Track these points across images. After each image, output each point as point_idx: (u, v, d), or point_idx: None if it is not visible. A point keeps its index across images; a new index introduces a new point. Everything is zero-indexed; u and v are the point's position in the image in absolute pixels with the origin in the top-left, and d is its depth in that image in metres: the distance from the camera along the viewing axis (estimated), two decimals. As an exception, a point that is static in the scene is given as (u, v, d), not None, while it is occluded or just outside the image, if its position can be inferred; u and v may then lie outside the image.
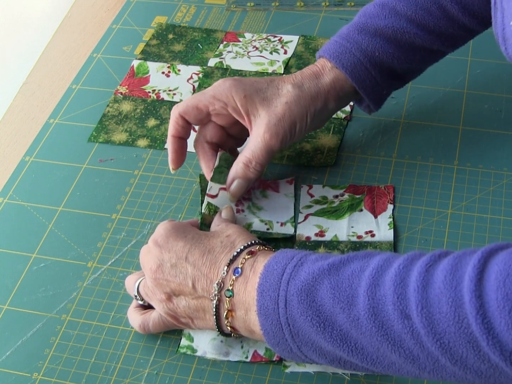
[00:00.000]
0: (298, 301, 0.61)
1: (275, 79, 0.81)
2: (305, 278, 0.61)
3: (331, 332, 0.59)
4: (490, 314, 0.52)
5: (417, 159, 0.87)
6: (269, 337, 0.63)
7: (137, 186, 0.86)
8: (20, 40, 1.18)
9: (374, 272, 0.59)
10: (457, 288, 0.54)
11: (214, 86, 0.80)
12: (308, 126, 0.81)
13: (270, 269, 0.64)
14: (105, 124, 0.94)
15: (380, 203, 0.82)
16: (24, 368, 0.70)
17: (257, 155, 0.78)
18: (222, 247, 0.68)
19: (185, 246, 0.68)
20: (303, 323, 0.60)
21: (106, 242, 0.81)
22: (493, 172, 0.85)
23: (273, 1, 1.12)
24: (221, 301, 0.66)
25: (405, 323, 0.56)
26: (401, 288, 0.57)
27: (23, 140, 0.94)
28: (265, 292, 0.63)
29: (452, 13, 0.82)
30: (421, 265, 0.57)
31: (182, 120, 0.80)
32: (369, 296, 0.58)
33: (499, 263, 0.54)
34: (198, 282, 0.67)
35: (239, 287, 0.65)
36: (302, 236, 0.79)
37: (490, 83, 0.95)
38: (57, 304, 0.75)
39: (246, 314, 0.65)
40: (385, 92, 0.85)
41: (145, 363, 0.70)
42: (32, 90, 1.02)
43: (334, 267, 0.61)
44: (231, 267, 0.66)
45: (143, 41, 1.07)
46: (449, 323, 0.54)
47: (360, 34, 0.82)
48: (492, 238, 0.78)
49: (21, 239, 0.82)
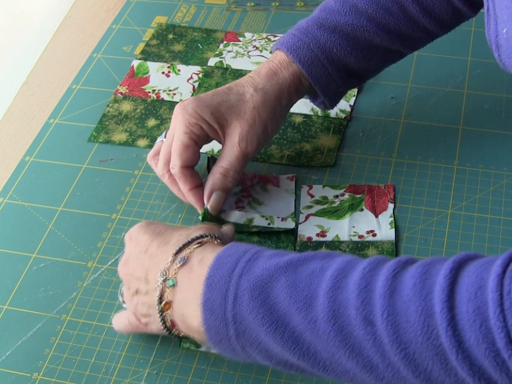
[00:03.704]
0: (249, 297, 0.57)
1: (232, 86, 0.80)
2: (260, 273, 0.58)
3: (282, 333, 0.56)
4: (461, 327, 0.50)
5: (417, 159, 0.87)
6: (211, 334, 0.59)
7: (137, 186, 0.86)
8: (20, 40, 1.18)
9: (336, 274, 0.56)
10: (427, 297, 0.52)
11: (177, 117, 0.78)
12: (279, 123, 0.81)
13: (221, 261, 0.60)
14: (105, 124, 0.94)
15: (380, 203, 0.82)
16: (24, 368, 0.70)
17: (234, 164, 0.78)
18: (177, 239, 0.66)
19: (149, 238, 0.67)
20: (252, 321, 0.57)
21: (106, 242, 0.81)
22: (493, 172, 0.85)
23: (273, 1, 1.12)
24: (163, 292, 0.63)
25: (368, 330, 0.53)
26: (365, 292, 0.54)
27: (23, 140, 0.94)
28: (213, 285, 0.59)
29: (412, 14, 0.82)
30: (388, 270, 0.55)
31: (187, 169, 0.78)
32: (329, 298, 0.55)
33: (471, 275, 0.52)
34: (150, 273, 0.65)
35: (182, 276, 0.62)
36: (304, 237, 0.79)
37: (490, 83, 0.95)
38: (57, 304, 0.75)
39: (186, 305, 0.62)
40: (341, 89, 0.85)
41: (145, 363, 0.70)
42: (32, 90, 1.02)
43: (292, 264, 0.58)
44: (178, 256, 0.64)
45: (143, 41, 1.07)
46: (417, 333, 0.52)
47: (319, 29, 0.81)
48: (492, 238, 0.78)
49: (21, 239, 0.81)
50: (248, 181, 0.85)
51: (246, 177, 0.85)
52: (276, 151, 0.89)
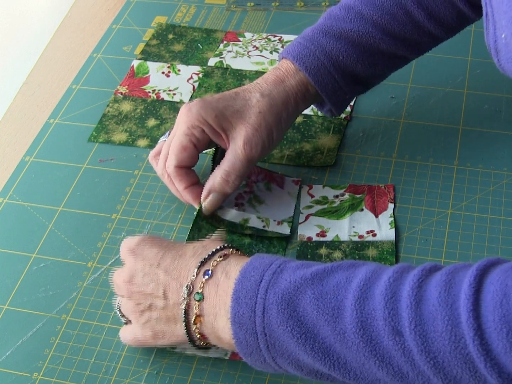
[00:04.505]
0: (277, 310, 0.58)
1: (239, 91, 0.80)
2: (286, 286, 0.59)
3: (312, 345, 0.57)
4: (488, 336, 0.51)
5: (417, 159, 0.87)
6: (242, 346, 0.60)
7: (137, 186, 0.86)
8: (20, 40, 1.18)
9: (362, 284, 0.57)
10: (453, 306, 0.53)
11: (181, 117, 0.78)
12: (284, 130, 0.81)
13: (247, 275, 0.61)
14: (105, 124, 0.94)
15: (380, 202, 0.82)
16: (24, 368, 0.70)
17: (237, 167, 0.77)
18: (193, 251, 0.66)
19: (158, 252, 0.66)
20: (282, 334, 0.58)
21: (106, 242, 0.81)
22: (493, 172, 0.85)
23: (273, 1, 1.12)
24: (190, 306, 0.63)
25: (396, 340, 0.54)
26: (392, 303, 0.55)
27: (23, 140, 0.94)
28: (241, 299, 0.60)
29: (418, 19, 0.82)
30: (413, 280, 0.55)
31: (182, 169, 0.78)
32: (357, 310, 0.56)
33: (495, 283, 0.52)
34: (168, 288, 0.64)
35: (209, 290, 0.63)
36: (304, 237, 0.79)
37: (490, 83, 0.95)
38: (57, 304, 0.75)
39: (215, 319, 0.62)
40: (347, 96, 0.85)
41: (145, 363, 0.70)
42: (32, 90, 1.02)
43: (317, 276, 0.59)
44: (202, 269, 0.64)
45: (143, 41, 1.07)
46: (445, 342, 0.52)
47: (325, 37, 0.82)
48: (492, 238, 0.78)
49: (21, 239, 0.82)
50: (253, 176, 0.85)
51: (252, 171, 0.84)
52: (276, 151, 0.89)
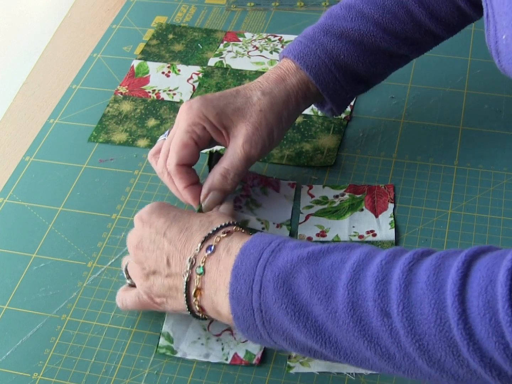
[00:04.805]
0: (273, 287, 0.60)
1: (240, 89, 0.80)
2: (283, 265, 0.60)
3: (305, 322, 0.59)
4: (471, 320, 0.52)
5: (417, 159, 0.87)
6: (239, 322, 0.62)
7: (137, 186, 0.86)
8: (20, 40, 1.18)
9: (355, 266, 0.58)
10: (440, 290, 0.54)
11: (182, 115, 0.78)
12: (284, 130, 0.81)
13: (247, 252, 0.63)
14: (105, 124, 0.94)
15: (380, 202, 0.82)
16: (24, 368, 0.70)
17: (236, 165, 0.77)
18: (199, 225, 0.68)
19: (165, 222, 0.68)
20: (277, 311, 0.60)
21: (106, 242, 0.81)
22: (493, 172, 0.85)
23: (273, 1, 1.12)
24: (191, 278, 0.65)
25: (384, 321, 0.55)
26: (382, 285, 0.56)
27: (23, 140, 0.94)
28: (239, 276, 0.62)
29: (419, 18, 0.82)
30: (404, 263, 0.57)
31: (182, 167, 0.78)
32: (349, 290, 0.57)
33: (482, 269, 0.53)
34: (172, 258, 0.67)
35: (211, 265, 0.65)
36: (304, 237, 0.79)
37: (490, 83, 0.95)
38: (57, 304, 0.75)
39: (215, 294, 0.64)
40: (348, 96, 0.84)
41: (145, 363, 0.70)
42: (32, 90, 1.02)
43: (313, 256, 0.60)
44: (205, 244, 0.66)
45: (143, 41, 1.07)
46: (430, 325, 0.54)
47: (326, 36, 0.81)
48: (492, 238, 0.78)
49: (21, 239, 0.82)
50: (249, 181, 0.85)
51: (248, 176, 0.85)
52: (276, 151, 0.89)
